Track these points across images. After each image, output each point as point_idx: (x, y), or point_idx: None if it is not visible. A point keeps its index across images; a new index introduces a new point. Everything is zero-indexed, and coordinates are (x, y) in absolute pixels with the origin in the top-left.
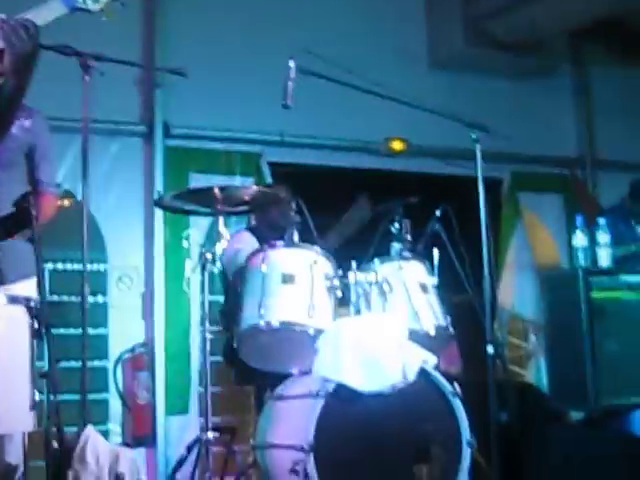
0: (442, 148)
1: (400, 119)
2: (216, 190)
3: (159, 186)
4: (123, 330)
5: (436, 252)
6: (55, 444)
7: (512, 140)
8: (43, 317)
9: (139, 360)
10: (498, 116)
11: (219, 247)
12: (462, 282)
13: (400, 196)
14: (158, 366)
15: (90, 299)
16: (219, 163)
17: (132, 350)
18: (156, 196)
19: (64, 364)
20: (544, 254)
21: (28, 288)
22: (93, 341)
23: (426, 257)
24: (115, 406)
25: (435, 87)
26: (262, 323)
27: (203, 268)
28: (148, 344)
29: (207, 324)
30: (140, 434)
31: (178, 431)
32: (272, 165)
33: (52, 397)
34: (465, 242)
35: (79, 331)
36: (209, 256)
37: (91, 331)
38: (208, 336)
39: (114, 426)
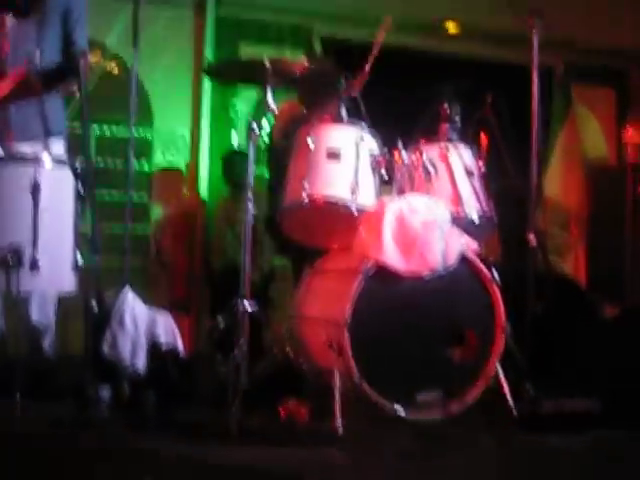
0: (498, 33)
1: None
2: (266, 62)
3: (209, 55)
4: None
5: (484, 137)
6: (94, 305)
7: (568, 29)
8: (88, 180)
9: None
10: (556, 4)
11: (266, 119)
12: (508, 170)
13: (452, 79)
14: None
15: (134, 165)
16: (269, 35)
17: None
18: (206, 64)
19: (107, 229)
20: (593, 147)
21: (59, 145)
22: (137, 207)
23: (474, 143)
24: (154, 270)
25: None
26: (305, 198)
27: (249, 139)
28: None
29: (250, 193)
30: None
31: None
32: (324, 39)
33: (94, 259)
34: (514, 130)
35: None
36: (256, 127)
37: (135, 196)
38: (251, 206)
39: (154, 289)
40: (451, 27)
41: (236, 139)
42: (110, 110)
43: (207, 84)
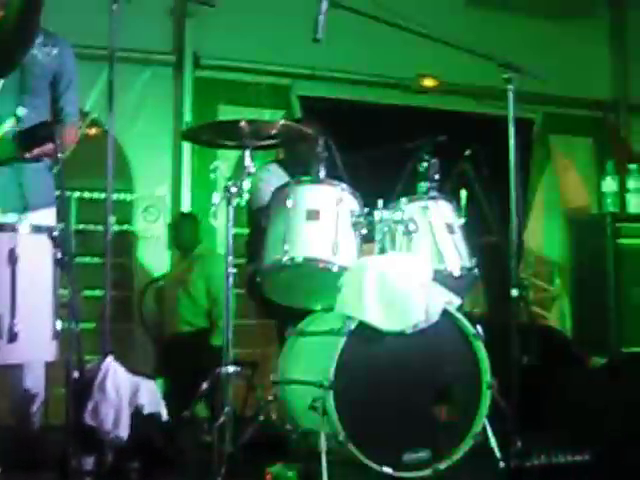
0: (474, 87)
1: (432, 56)
2: (243, 123)
3: (188, 117)
4: (148, 261)
5: (464, 192)
6: (76, 374)
7: (545, 81)
8: (66, 246)
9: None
10: (532, 56)
11: (245, 181)
12: (489, 224)
13: (429, 134)
14: None
15: (115, 228)
16: (248, 95)
17: (157, 281)
18: (184, 127)
19: (88, 293)
20: (573, 197)
21: (51, 216)
22: (118, 271)
23: (454, 197)
24: (139, 337)
25: (469, 24)
26: (285, 259)
27: (228, 201)
28: None
29: (230, 258)
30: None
31: None
32: (302, 99)
33: (74, 326)
34: (494, 183)
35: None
36: (234, 189)
37: (116, 261)
38: (231, 270)
39: (138, 356)
40: (427, 82)
41: (217, 201)
42: (90, 175)
43: (187, 146)
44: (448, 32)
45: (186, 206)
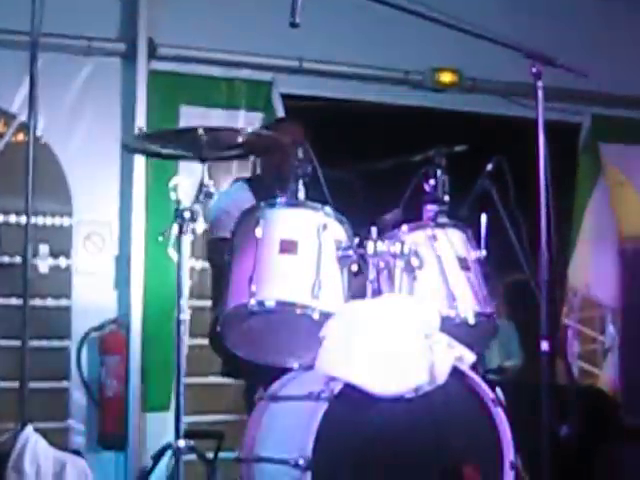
0: (503, 83)
1: (451, 45)
2: (200, 131)
3: (141, 121)
4: (91, 302)
5: (484, 217)
6: None
7: (592, 76)
8: None
9: (110, 340)
10: (576, 46)
11: (202, 203)
12: (518, 257)
13: (442, 143)
14: (133, 349)
15: (49, 262)
16: (218, 94)
17: (101, 328)
18: (136, 133)
19: (3, 343)
20: (630, 221)
21: None
22: (52, 315)
23: (471, 223)
24: (78, 398)
25: (496, 6)
26: (253, 302)
27: (181, 229)
28: (122, 321)
29: (182, 301)
30: (109, 434)
31: (156, 433)
32: (286, 97)
33: None
34: (524, 205)
35: (32, 302)
36: (187, 214)
37: (50, 302)
38: (183, 316)
39: (76, 424)
40: (444, 77)
41: (169, 230)
42: (16, 192)
43: (140, 157)
44: (471, 16)
45: (138, 234)
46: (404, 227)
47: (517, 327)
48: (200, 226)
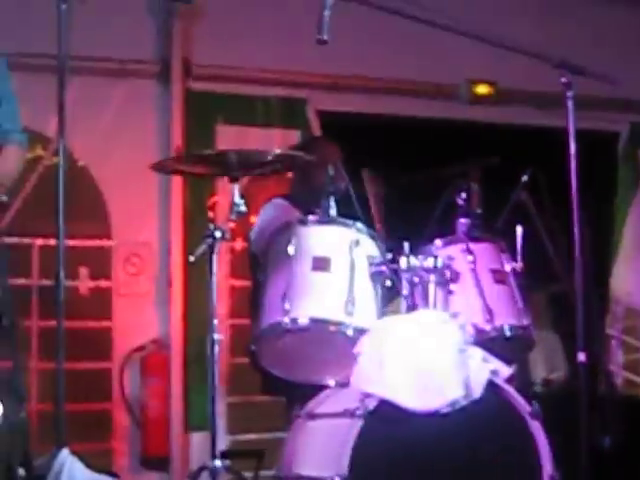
0: (537, 94)
1: (486, 57)
2: (230, 155)
3: (178, 140)
4: (132, 323)
5: (520, 229)
6: (21, 471)
7: (629, 84)
8: (4, 307)
9: (151, 361)
10: (610, 53)
11: (232, 222)
12: (556, 268)
13: (478, 155)
14: (175, 369)
15: (90, 284)
16: (254, 112)
17: (143, 348)
18: (175, 153)
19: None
20: None
21: None
22: (94, 337)
23: (507, 236)
24: (121, 420)
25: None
26: (286, 320)
27: (211, 249)
28: (163, 341)
29: (215, 321)
30: (152, 455)
31: (200, 453)
32: (322, 114)
33: (17, 410)
34: (561, 216)
35: (73, 324)
36: (219, 234)
37: (91, 324)
38: (217, 337)
39: (119, 445)
40: (481, 89)
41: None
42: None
43: (178, 177)
44: (501, 27)
45: (177, 254)
46: (438, 242)
47: (562, 338)
48: (239, 244)
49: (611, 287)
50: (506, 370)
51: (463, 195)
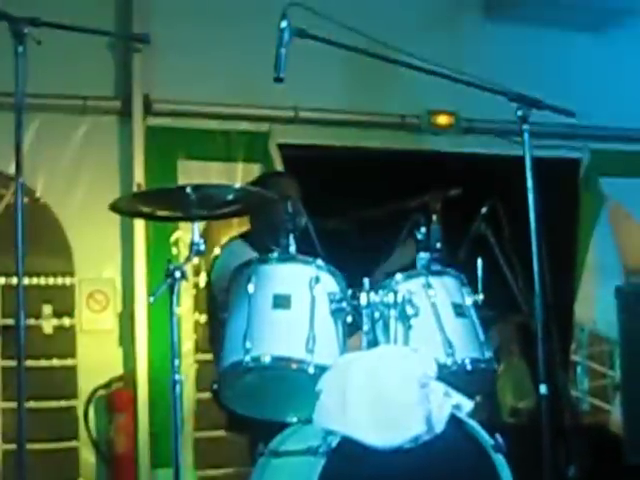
0: (497, 123)
1: (443, 88)
2: (188, 190)
3: (139, 177)
4: (96, 360)
5: (480, 262)
6: None
7: (590, 112)
8: None
9: (117, 398)
10: (571, 80)
11: (191, 262)
12: (517, 299)
13: (439, 186)
14: (141, 405)
15: (54, 322)
16: (215, 147)
17: (108, 385)
18: (135, 190)
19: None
20: (634, 255)
21: None
22: (59, 375)
23: (468, 268)
24: (87, 457)
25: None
26: (248, 359)
27: (171, 289)
28: (128, 378)
29: (177, 361)
30: None
31: None
32: (283, 147)
33: None
34: (521, 247)
35: (37, 362)
36: (178, 274)
37: (55, 363)
38: (178, 377)
39: None
40: (441, 119)
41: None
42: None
43: None
44: (461, 54)
45: (141, 290)
46: (398, 276)
47: (529, 366)
48: (202, 280)
49: (575, 313)
50: (468, 404)
51: (423, 230)
